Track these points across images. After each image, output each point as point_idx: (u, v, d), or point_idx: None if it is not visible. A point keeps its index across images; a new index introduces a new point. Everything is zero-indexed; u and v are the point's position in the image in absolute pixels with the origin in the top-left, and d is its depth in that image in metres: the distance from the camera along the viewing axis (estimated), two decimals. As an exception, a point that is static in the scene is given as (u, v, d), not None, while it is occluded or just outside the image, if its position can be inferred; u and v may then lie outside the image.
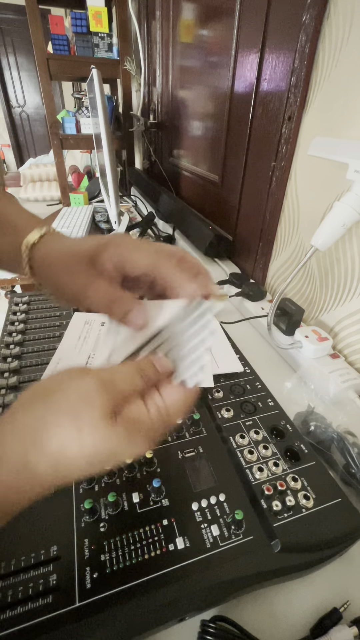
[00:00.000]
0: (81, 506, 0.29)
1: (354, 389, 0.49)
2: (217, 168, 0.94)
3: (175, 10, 1.12)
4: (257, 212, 0.76)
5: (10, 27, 3.93)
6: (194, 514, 0.30)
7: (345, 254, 0.53)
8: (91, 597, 0.25)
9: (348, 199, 0.45)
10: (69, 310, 0.57)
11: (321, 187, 0.57)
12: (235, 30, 0.74)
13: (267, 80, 0.66)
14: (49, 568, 0.26)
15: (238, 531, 0.29)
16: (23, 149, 4.68)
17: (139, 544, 0.28)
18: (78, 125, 1.64)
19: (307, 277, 0.63)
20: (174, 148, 1.31)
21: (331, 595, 0.30)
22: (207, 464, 0.34)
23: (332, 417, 0.43)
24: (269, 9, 0.62)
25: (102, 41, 1.49)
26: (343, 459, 0.38)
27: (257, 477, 0.33)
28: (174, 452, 0.35)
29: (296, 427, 0.39)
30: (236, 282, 0.74)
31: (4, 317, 0.55)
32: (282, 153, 0.64)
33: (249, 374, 0.46)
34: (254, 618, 0.28)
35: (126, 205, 1.43)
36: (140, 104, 1.60)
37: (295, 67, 0.57)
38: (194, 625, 0.26)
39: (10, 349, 0.48)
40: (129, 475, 0.33)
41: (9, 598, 0.24)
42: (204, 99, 0.98)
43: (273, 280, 0.75)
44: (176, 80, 1.21)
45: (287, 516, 0.30)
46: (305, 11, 0.52)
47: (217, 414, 0.39)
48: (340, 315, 0.57)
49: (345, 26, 0.48)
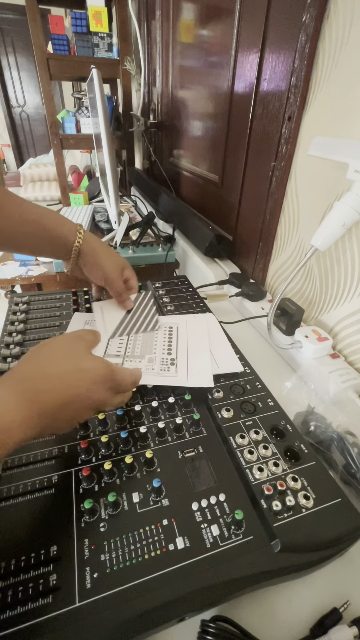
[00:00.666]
0: (81, 506, 0.29)
1: (354, 389, 0.49)
2: (217, 168, 0.94)
3: (175, 10, 1.12)
4: (257, 212, 0.76)
5: (10, 27, 3.93)
6: (194, 514, 0.30)
7: (345, 254, 0.53)
8: (91, 597, 0.25)
9: (348, 199, 0.45)
10: (69, 310, 0.57)
11: (321, 187, 0.57)
12: (235, 30, 0.74)
13: (267, 80, 0.66)
14: (49, 568, 0.26)
15: (238, 531, 0.29)
16: (23, 149, 4.68)
17: (138, 544, 0.28)
18: (78, 125, 1.64)
19: (307, 277, 0.63)
20: (174, 148, 1.31)
21: (331, 595, 0.30)
22: (207, 464, 0.34)
23: (332, 417, 0.43)
24: (269, 9, 0.62)
25: (102, 41, 1.49)
26: (343, 459, 0.38)
27: (257, 477, 0.33)
28: (174, 452, 0.35)
29: (296, 427, 0.39)
30: (236, 282, 0.74)
31: (4, 317, 0.55)
32: (282, 153, 0.64)
33: (249, 374, 0.46)
34: (254, 618, 0.28)
35: (126, 205, 1.43)
36: (140, 104, 1.60)
37: (295, 67, 0.57)
38: (194, 625, 0.26)
39: (10, 349, 0.47)
40: (129, 475, 0.33)
41: (9, 598, 0.24)
42: (204, 99, 0.98)
43: (273, 280, 0.75)
44: (176, 80, 1.21)
45: (287, 516, 0.30)
46: (305, 11, 0.52)
47: (217, 414, 0.39)
48: (340, 315, 0.57)
49: (345, 26, 0.48)
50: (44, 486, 0.31)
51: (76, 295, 0.61)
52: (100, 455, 0.34)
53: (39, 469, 0.33)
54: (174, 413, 0.40)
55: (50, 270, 0.94)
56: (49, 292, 0.63)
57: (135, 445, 0.36)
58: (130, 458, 0.33)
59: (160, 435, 0.37)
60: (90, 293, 0.61)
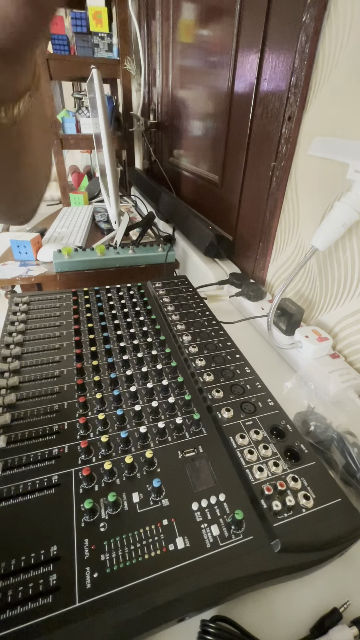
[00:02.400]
0: (81, 506, 0.29)
1: (354, 389, 0.49)
2: (217, 168, 0.94)
3: (176, 10, 1.12)
4: (257, 212, 0.76)
5: (10, 27, 3.92)
6: (194, 514, 0.30)
7: (345, 254, 0.53)
8: (91, 597, 0.25)
9: (348, 199, 0.45)
10: (69, 310, 0.57)
11: (321, 187, 0.57)
12: (235, 30, 0.74)
13: (267, 80, 0.66)
14: (49, 568, 0.26)
15: (238, 531, 0.29)
16: (23, 149, 4.67)
17: (139, 544, 0.28)
18: (78, 125, 1.64)
19: (307, 277, 0.63)
20: (174, 148, 1.31)
21: (331, 595, 0.30)
22: (207, 464, 0.34)
23: (332, 417, 0.43)
24: (269, 9, 0.62)
25: (102, 41, 1.49)
26: (343, 459, 0.38)
27: (257, 477, 0.33)
28: (174, 452, 0.35)
29: (296, 427, 0.39)
30: (236, 282, 0.74)
31: (4, 317, 0.55)
32: (282, 153, 0.64)
33: (249, 374, 0.46)
34: (254, 618, 0.28)
35: (126, 205, 1.43)
36: (140, 104, 1.60)
37: (295, 67, 0.57)
38: (194, 625, 0.26)
39: (10, 349, 0.47)
40: (129, 475, 0.33)
41: (9, 598, 0.24)
42: (204, 98, 0.98)
43: (273, 280, 0.75)
44: (176, 80, 1.21)
45: (287, 516, 0.30)
46: (305, 11, 0.52)
47: (217, 414, 0.39)
48: (340, 315, 0.57)
49: (345, 26, 0.48)
50: (44, 486, 0.31)
51: (76, 295, 0.61)
52: (100, 455, 0.34)
53: (39, 469, 0.33)
54: (174, 413, 0.40)
55: (50, 270, 0.94)
56: (49, 292, 0.62)
57: (135, 445, 0.36)
58: (130, 458, 0.33)
59: (160, 435, 0.37)
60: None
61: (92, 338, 0.50)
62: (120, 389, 0.42)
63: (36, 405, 0.40)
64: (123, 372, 0.45)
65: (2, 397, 0.40)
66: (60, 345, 0.50)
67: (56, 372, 0.45)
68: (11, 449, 0.35)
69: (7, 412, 0.38)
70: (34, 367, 0.46)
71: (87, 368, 0.45)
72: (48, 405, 0.40)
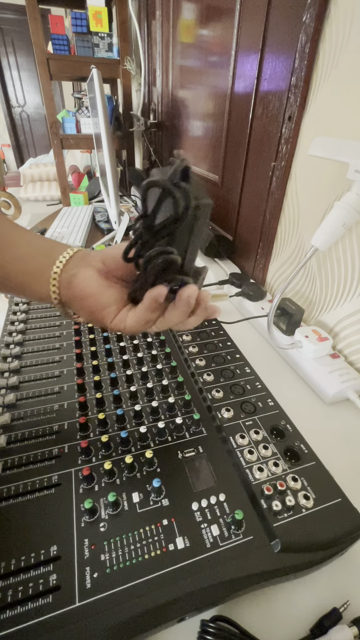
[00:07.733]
0: (81, 506, 0.29)
1: (354, 389, 0.49)
2: (217, 168, 0.94)
3: (176, 10, 1.12)
4: (257, 212, 0.76)
5: (10, 27, 3.93)
6: (194, 514, 0.30)
7: (346, 254, 0.53)
8: (91, 597, 0.25)
9: (348, 199, 0.45)
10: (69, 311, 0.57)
11: (321, 187, 0.57)
12: (235, 30, 0.74)
13: (267, 80, 0.66)
14: (49, 568, 0.26)
15: (238, 531, 0.29)
16: (23, 148, 4.68)
17: (138, 544, 0.28)
18: (78, 125, 1.64)
19: (307, 277, 0.63)
20: (174, 148, 1.31)
21: (331, 595, 0.30)
22: (207, 464, 0.34)
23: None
24: (269, 9, 0.62)
25: (102, 41, 1.49)
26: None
27: (257, 477, 0.33)
28: (174, 452, 0.35)
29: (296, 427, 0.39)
30: (236, 282, 0.74)
31: (4, 317, 0.55)
32: (282, 153, 0.64)
33: (249, 374, 0.46)
34: (254, 618, 0.28)
35: (126, 205, 1.43)
36: (140, 104, 1.60)
37: (295, 67, 0.57)
38: (194, 625, 0.26)
39: (10, 349, 0.48)
40: (129, 475, 0.33)
41: (9, 598, 0.24)
42: (204, 98, 0.98)
43: (273, 280, 0.75)
44: (176, 80, 1.21)
45: (287, 516, 0.30)
46: (306, 11, 0.52)
47: (217, 414, 0.39)
48: (340, 315, 0.57)
49: (345, 26, 0.48)
50: (44, 486, 0.31)
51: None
52: (100, 455, 0.34)
53: (39, 469, 0.33)
54: (174, 413, 0.40)
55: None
56: (49, 292, 0.62)
57: (135, 445, 0.36)
58: (130, 458, 0.33)
59: (160, 435, 0.37)
60: None
61: (92, 338, 0.50)
62: (120, 389, 0.42)
63: (36, 405, 0.40)
64: (123, 372, 0.45)
65: (2, 397, 0.40)
66: (60, 345, 0.50)
67: (56, 372, 0.45)
68: (11, 448, 0.35)
69: (7, 412, 0.39)
70: (34, 367, 0.46)
71: (87, 368, 0.45)
72: (48, 405, 0.40)
